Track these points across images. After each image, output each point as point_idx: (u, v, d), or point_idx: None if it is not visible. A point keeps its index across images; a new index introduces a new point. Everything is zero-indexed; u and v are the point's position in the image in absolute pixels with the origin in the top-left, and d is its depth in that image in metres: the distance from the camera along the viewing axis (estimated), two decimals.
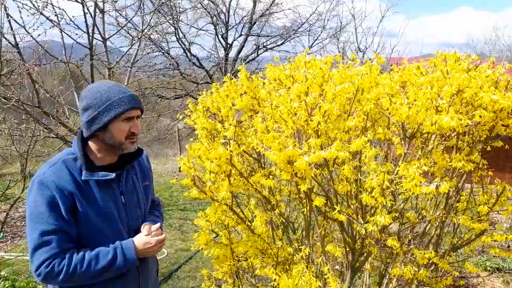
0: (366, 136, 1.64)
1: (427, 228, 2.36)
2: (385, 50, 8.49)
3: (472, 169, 1.92)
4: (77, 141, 1.47)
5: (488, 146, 2.01)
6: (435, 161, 1.84)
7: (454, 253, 2.50)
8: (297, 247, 2.07)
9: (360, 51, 8.13)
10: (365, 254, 2.03)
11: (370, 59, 1.94)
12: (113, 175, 1.45)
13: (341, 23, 10.48)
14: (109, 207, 1.44)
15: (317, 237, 2.56)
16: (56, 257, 1.33)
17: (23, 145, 5.13)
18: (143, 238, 1.48)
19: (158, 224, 1.57)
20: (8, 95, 4.47)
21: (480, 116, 1.66)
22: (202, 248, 2.32)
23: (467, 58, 1.78)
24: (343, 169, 1.68)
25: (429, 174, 2.01)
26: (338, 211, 1.73)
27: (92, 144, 1.49)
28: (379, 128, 1.81)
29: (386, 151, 1.95)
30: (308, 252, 1.93)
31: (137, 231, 1.54)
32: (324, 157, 1.63)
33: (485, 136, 1.99)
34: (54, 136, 5.12)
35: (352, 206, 2.07)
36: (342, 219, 1.73)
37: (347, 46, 9.57)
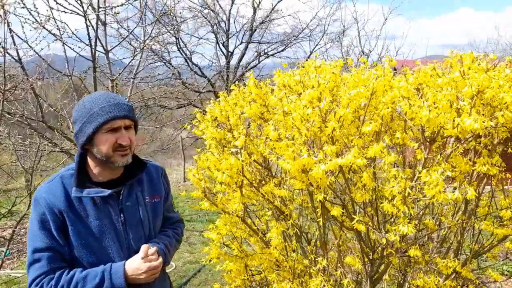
0: (384, 142, 1.57)
1: (447, 235, 2.27)
2: (389, 52, 8.45)
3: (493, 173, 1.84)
4: (76, 157, 1.42)
5: (510, 148, 1.93)
6: (456, 165, 1.77)
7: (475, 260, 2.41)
8: (313, 258, 1.99)
9: (364, 55, 8.08)
10: (384, 264, 1.95)
11: (375, 62, 1.88)
12: (107, 192, 1.36)
13: (343, 26, 10.47)
14: (102, 225, 1.36)
15: (332, 247, 2.47)
16: (45, 275, 1.29)
17: (28, 160, 5.09)
18: (135, 263, 1.36)
19: (154, 248, 1.42)
20: (12, 110, 4.45)
21: (502, 116, 1.59)
22: (212, 262, 2.25)
23: (485, 57, 1.72)
24: (361, 177, 1.61)
25: (448, 178, 1.93)
26: (357, 220, 1.65)
27: (89, 159, 1.43)
28: (396, 133, 1.74)
29: (403, 157, 1.87)
30: (325, 264, 1.85)
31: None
32: (341, 164, 1.57)
33: (505, 137, 1.91)
34: (58, 150, 5.08)
35: (369, 214, 1.99)
36: (361, 229, 1.65)
37: (350, 50, 9.54)
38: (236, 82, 2.14)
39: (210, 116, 2.16)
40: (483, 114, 1.56)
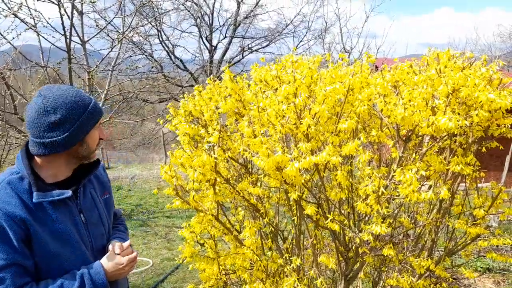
0: (359, 139, 1.54)
1: (421, 233, 2.27)
2: (370, 50, 8.51)
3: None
4: (22, 159, 1.26)
5: (483, 147, 1.93)
6: (431, 164, 1.75)
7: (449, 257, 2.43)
8: (287, 257, 1.95)
9: (346, 52, 8.10)
10: (359, 263, 1.93)
11: (355, 59, 1.85)
12: (69, 192, 1.27)
13: (326, 23, 10.48)
14: (67, 228, 1.26)
15: (308, 245, 2.45)
16: None
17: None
18: (112, 259, 1.32)
19: (128, 242, 1.41)
20: None
21: (477, 115, 1.58)
22: (186, 260, 2.19)
23: (461, 56, 1.71)
24: (336, 175, 1.58)
25: (422, 177, 1.92)
26: (331, 219, 1.62)
27: (48, 161, 1.29)
28: (372, 130, 1.71)
29: (379, 155, 1.85)
30: (299, 263, 1.82)
31: (103, 251, 1.38)
32: (315, 162, 1.53)
33: (479, 136, 1.92)
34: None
35: (344, 213, 1.97)
36: (335, 229, 1.62)
37: (332, 47, 9.56)
38: (211, 76, 2.07)
39: (184, 111, 2.08)
40: (458, 113, 1.55)
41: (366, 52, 1.95)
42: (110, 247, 1.36)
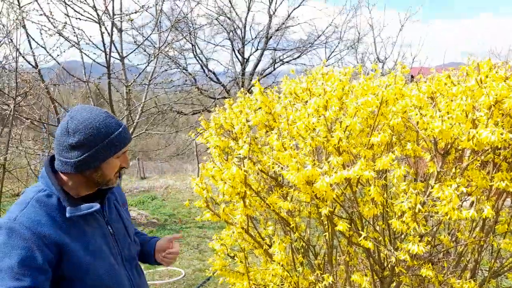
0: (394, 153, 1.48)
1: (463, 252, 2.14)
2: (405, 60, 8.27)
3: None
4: (49, 175, 1.25)
5: None
6: (472, 179, 1.65)
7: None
8: (319, 274, 1.90)
9: (380, 62, 7.92)
10: (395, 283, 1.84)
11: (388, 69, 1.79)
12: (98, 205, 1.28)
13: (359, 33, 10.33)
14: (98, 241, 1.28)
15: (341, 261, 2.37)
16: None
17: (42, 163, 5.16)
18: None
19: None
20: (28, 114, 4.53)
21: None
22: (217, 273, 2.18)
23: (504, 65, 1.61)
24: (369, 191, 1.52)
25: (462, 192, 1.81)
26: (364, 237, 1.56)
27: (69, 178, 1.27)
28: (407, 144, 1.64)
29: (415, 169, 1.77)
30: (332, 281, 1.76)
31: (131, 260, 1.40)
32: (347, 177, 1.48)
33: None
34: None
35: (379, 229, 1.89)
36: (369, 246, 1.56)
37: (366, 57, 9.40)
38: (242, 89, 2.08)
39: (214, 124, 2.11)
40: (502, 126, 1.46)
41: (399, 62, 1.89)
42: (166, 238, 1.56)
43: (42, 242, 1.14)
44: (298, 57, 12.69)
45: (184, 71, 11.49)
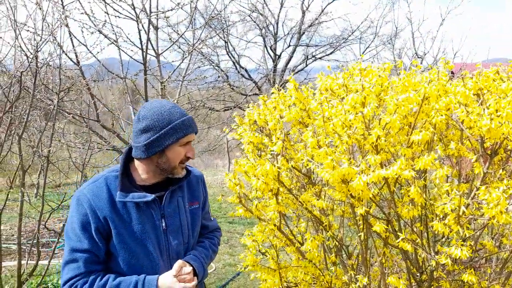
0: (436, 152, 1.41)
1: (508, 258, 2.01)
2: (446, 55, 7.89)
3: None
4: (121, 159, 1.41)
5: None
6: None
7: None
8: (353, 275, 1.85)
9: (418, 57, 7.61)
10: None
11: (429, 65, 1.71)
12: (150, 197, 1.34)
13: (396, 28, 9.98)
14: (146, 231, 1.34)
15: (375, 262, 2.31)
16: (80, 277, 1.29)
17: (83, 156, 5.40)
18: (168, 280, 1.32)
19: (190, 269, 1.38)
20: (70, 109, 4.74)
21: None
22: (248, 269, 2.19)
23: None
24: (409, 191, 1.46)
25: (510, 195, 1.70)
26: (403, 238, 1.50)
27: (140, 164, 1.41)
28: (450, 143, 1.56)
29: (458, 169, 1.68)
30: (366, 282, 1.71)
31: (178, 259, 1.41)
32: (385, 176, 1.43)
33: None
34: (108, 148, 5.33)
35: (417, 231, 1.82)
36: (407, 249, 1.50)
37: (403, 53, 9.07)
38: (276, 86, 2.06)
39: (248, 120, 2.10)
40: None
41: (443, 58, 1.80)
42: (175, 264, 1.36)
43: (95, 214, 1.30)
44: (332, 53, 12.46)
45: (216, 67, 11.61)
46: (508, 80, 1.48)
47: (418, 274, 1.78)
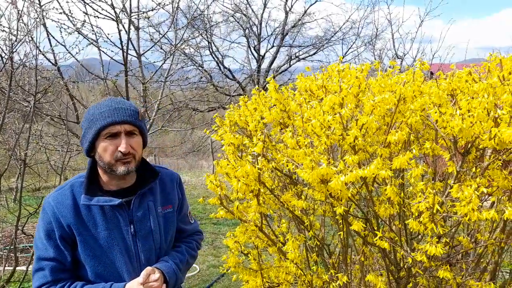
0: (411, 152, 1.45)
1: (483, 254, 2.08)
2: (425, 56, 8.04)
3: None
4: (88, 163, 1.37)
5: None
6: (493, 179, 1.60)
7: None
8: (333, 273, 1.88)
9: (398, 58, 7.75)
10: (411, 284, 1.80)
11: (407, 66, 1.75)
12: (116, 201, 1.30)
13: (377, 29, 10.13)
14: (113, 237, 1.31)
15: (356, 260, 2.34)
16: (48, 286, 1.28)
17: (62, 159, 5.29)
18: (134, 287, 1.27)
19: (157, 275, 1.30)
20: (48, 110, 4.63)
21: None
22: (230, 270, 2.19)
23: None
24: (386, 190, 1.49)
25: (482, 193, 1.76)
26: (380, 237, 1.53)
27: (98, 167, 1.37)
28: (425, 142, 1.60)
29: (434, 168, 1.72)
30: (346, 280, 1.74)
31: (148, 265, 1.35)
32: (362, 176, 1.46)
33: None
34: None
35: (395, 229, 1.85)
36: (384, 246, 1.53)
37: (383, 53, 9.22)
38: (256, 87, 2.07)
39: (229, 121, 2.10)
40: None
41: (419, 59, 1.85)
42: (143, 272, 1.29)
43: (60, 222, 1.28)
44: (315, 53, 12.56)
45: (200, 68, 11.54)
46: (479, 81, 1.53)
47: (397, 271, 1.82)
